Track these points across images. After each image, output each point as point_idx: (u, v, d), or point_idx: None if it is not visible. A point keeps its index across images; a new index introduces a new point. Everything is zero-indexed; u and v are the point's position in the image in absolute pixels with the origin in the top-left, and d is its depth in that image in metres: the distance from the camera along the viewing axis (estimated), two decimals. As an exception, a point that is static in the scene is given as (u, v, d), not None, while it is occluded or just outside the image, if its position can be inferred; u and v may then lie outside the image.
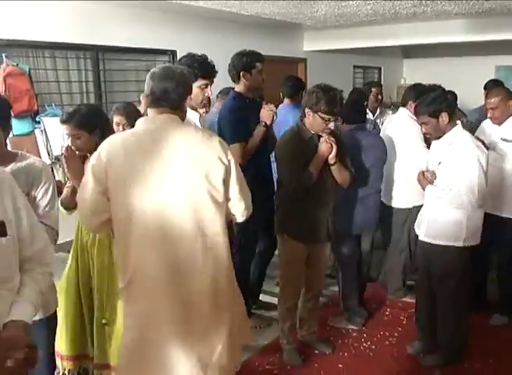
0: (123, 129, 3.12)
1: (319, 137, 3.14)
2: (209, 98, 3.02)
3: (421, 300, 3.49)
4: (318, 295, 3.58)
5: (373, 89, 5.65)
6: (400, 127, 4.06)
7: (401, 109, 4.15)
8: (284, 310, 3.43)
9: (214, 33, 6.12)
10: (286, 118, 4.18)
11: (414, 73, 10.01)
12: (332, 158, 3.11)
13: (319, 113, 3.06)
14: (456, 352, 3.35)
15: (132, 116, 3.05)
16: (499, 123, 3.69)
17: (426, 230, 3.29)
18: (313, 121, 3.12)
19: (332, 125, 3.11)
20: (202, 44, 5.63)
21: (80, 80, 5.28)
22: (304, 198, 3.15)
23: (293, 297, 3.40)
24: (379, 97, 5.65)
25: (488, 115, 3.72)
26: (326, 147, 3.09)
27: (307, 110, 3.13)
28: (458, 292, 3.23)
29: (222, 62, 3.25)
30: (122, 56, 5.54)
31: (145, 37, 5.46)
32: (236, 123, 3.50)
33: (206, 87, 3.00)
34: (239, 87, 3.70)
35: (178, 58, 3.06)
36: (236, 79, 3.69)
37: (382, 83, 7.29)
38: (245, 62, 3.63)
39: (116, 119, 3.22)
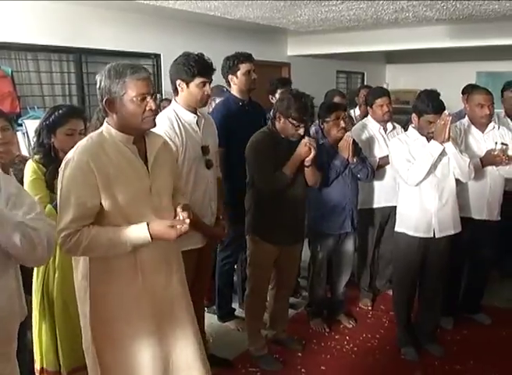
0: None
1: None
2: (208, 95, 2.87)
3: None
4: (287, 295, 3.66)
5: (362, 90, 5.62)
6: None
7: None
8: (250, 311, 3.46)
9: (198, 37, 6.11)
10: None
11: (397, 78, 10.12)
12: (308, 161, 3.16)
13: (289, 119, 3.11)
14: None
15: None
16: None
17: None
18: (284, 126, 3.17)
19: (301, 131, 3.15)
20: (186, 48, 5.52)
21: (63, 83, 5.26)
22: (276, 199, 3.18)
23: (259, 297, 3.42)
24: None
25: None
26: (305, 150, 3.13)
27: (278, 114, 3.19)
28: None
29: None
30: (106, 59, 5.52)
31: (129, 40, 5.45)
32: (218, 128, 3.51)
33: (204, 85, 2.82)
34: (232, 90, 3.72)
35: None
36: (227, 82, 3.71)
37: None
38: (229, 66, 3.64)
39: None
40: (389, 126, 4.16)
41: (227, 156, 3.48)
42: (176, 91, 2.85)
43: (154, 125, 2.09)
